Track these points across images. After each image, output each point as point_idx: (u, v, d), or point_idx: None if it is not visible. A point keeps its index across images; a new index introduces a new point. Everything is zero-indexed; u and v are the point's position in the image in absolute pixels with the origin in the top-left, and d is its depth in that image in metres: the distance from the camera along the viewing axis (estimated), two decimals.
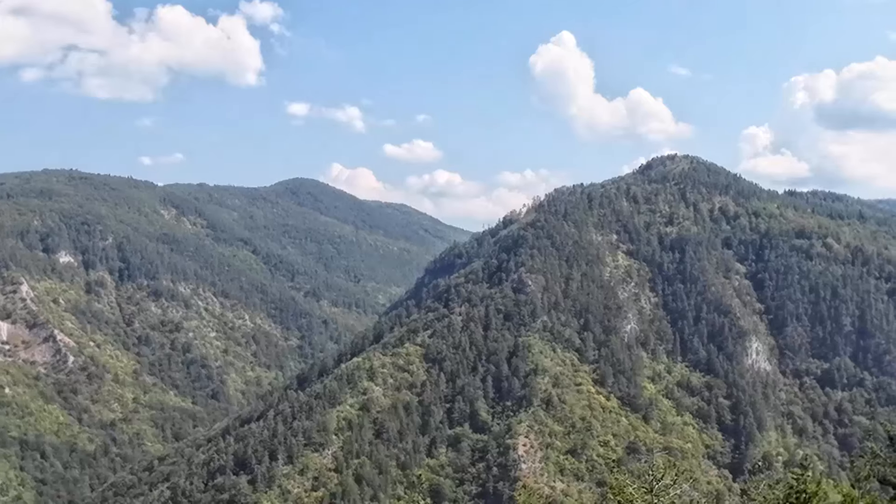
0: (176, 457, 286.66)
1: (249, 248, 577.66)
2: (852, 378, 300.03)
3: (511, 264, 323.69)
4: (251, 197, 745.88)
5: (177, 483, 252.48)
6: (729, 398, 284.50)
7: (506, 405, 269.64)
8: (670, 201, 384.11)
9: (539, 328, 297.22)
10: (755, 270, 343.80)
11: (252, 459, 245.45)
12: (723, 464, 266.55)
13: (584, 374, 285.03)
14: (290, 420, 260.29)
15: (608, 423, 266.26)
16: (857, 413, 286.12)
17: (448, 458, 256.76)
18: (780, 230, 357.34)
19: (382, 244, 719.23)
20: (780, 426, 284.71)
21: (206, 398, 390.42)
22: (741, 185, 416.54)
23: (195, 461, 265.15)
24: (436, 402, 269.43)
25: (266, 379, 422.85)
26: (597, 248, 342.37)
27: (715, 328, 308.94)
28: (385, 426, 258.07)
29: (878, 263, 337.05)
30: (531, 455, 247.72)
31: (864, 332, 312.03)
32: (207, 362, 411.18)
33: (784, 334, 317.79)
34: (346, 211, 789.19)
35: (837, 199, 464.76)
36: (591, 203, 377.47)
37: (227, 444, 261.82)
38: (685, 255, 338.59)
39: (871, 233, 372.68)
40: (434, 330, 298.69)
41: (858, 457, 39.36)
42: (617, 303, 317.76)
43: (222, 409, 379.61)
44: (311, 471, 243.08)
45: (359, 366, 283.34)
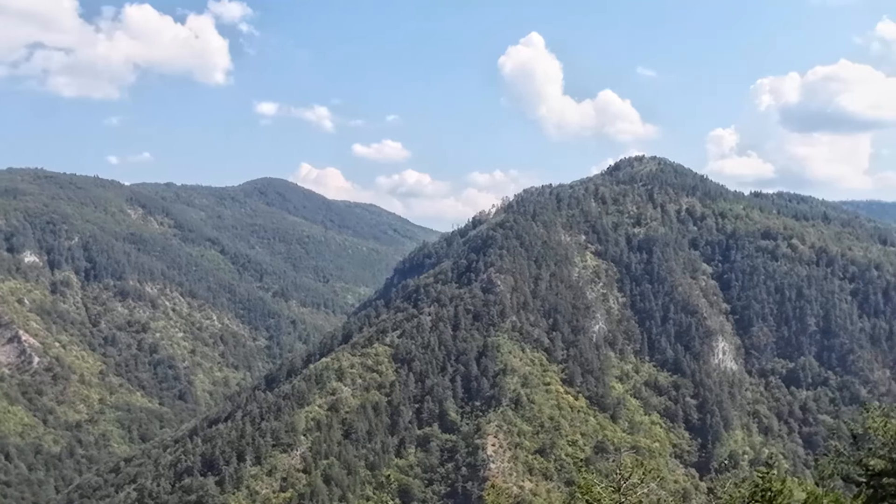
0: (143, 458, 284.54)
1: (217, 248, 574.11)
2: (817, 377, 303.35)
3: (480, 264, 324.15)
4: (219, 196, 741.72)
5: (143, 484, 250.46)
6: (696, 397, 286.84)
7: (475, 405, 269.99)
8: (638, 202, 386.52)
9: (508, 328, 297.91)
10: (722, 271, 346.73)
11: (220, 460, 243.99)
12: (690, 462, 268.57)
13: (552, 373, 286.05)
14: (259, 421, 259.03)
15: (576, 423, 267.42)
16: (822, 412, 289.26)
17: (417, 458, 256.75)
18: (746, 231, 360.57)
19: (351, 244, 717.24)
20: (746, 425, 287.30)
21: (174, 399, 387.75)
22: (708, 186, 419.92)
23: (162, 462, 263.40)
24: (405, 402, 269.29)
25: (234, 379, 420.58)
26: (565, 248, 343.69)
27: (682, 328, 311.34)
28: (354, 426, 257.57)
29: (842, 264, 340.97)
30: (500, 455, 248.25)
31: (828, 331, 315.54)
32: (175, 363, 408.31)
33: (750, 334, 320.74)
34: (315, 211, 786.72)
35: (802, 200, 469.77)
36: (559, 203, 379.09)
37: (195, 444, 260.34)
38: (653, 255, 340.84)
39: (835, 234, 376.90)
40: (403, 330, 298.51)
41: (822, 455, 39.93)
42: (585, 303, 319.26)
43: (190, 409, 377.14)
44: (279, 471, 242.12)
45: (327, 366, 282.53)
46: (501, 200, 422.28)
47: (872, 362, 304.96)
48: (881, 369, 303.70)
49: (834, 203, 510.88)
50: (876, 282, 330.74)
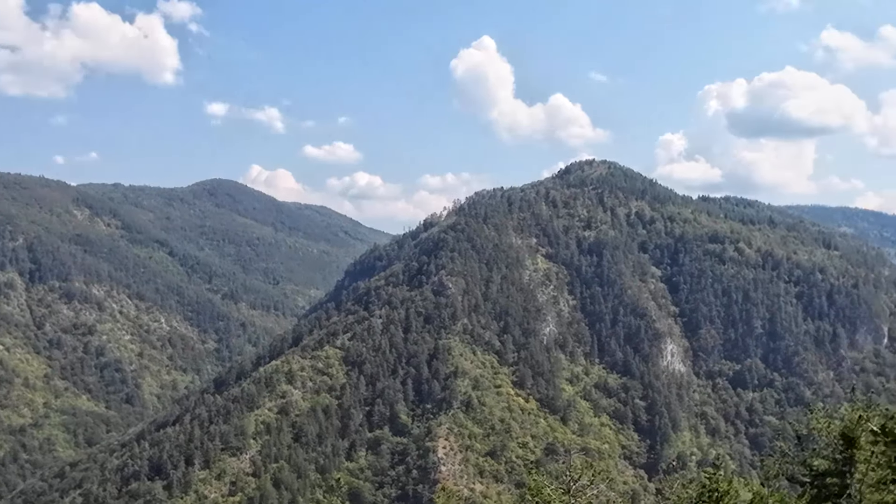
0: (88, 462, 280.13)
1: (166, 250, 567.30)
2: (763, 379, 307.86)
3: (431, 267, 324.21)
4: (168, 197, 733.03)
5: (89, 489, 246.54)
6: (645, 399, 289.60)
7: (426, 408, 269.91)
8: (588, 206, 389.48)
9: (459, 331, 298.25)
10: (670, 274, 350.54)
11: (168, 464, 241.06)
12: (639, 464, 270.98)
13: (503, 376, 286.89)
14: (207, 424, 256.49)
15: (527, 425, 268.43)
16: (768, 413, 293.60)
17: (367, 461, 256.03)
18: (695, 235, 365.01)
19: (302, 246, 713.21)
20: (694, 426, 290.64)
21: (121, 402, 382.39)
22: (657, 190, 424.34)
23: (109, 467, 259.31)
24: (355, 405, 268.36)
25: (182, 382, 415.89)
26: (516, 251, 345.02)
27: (631, 330, 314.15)
28: (304, 430, 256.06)
29: (787, 267, 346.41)
30: (451, 457, 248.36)
31: (773, 334, 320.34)
32: (122, 366, 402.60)
33: (698, 336, 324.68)
34: (265, 212, 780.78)
35: (749, 204, 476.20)
36: (511, 206, 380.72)
37: (142, 449, 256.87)
38: (603, 258, 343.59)
39: (780, 238, 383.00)
40: (354, 333, 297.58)
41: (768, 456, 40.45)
42: (536, 305, 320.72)
43: (137, 413, 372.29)
44: (228, 475, 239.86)
45: (277, 369, 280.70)
46: (453, 203, 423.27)
47: (817, 364, 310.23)
48: (825, 371, 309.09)
49: (780, 207, 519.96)
50: (820, 285, 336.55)
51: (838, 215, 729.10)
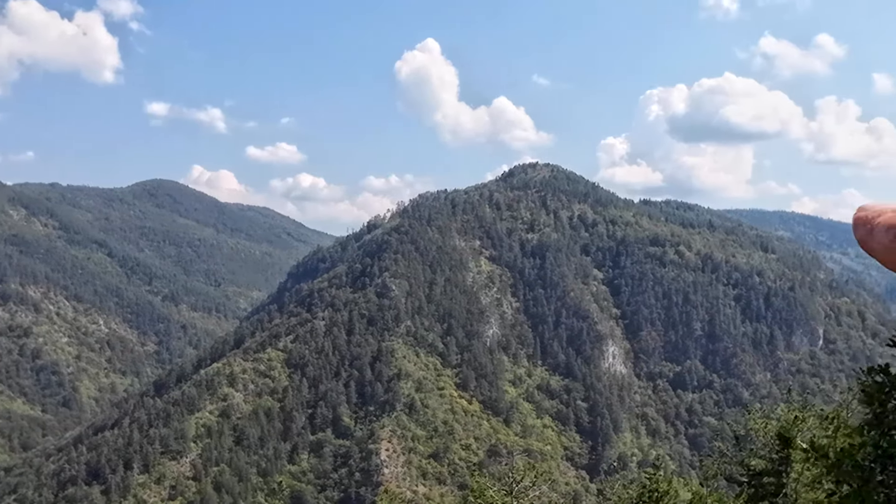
0: (24, 467, 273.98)
1: (105, 251, 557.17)
2: (702, 380, 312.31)
3: (375, 269, 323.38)
4: (107, 198, 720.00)
5: (24, 495, 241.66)
6: (587, 401, 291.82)
7: (369, 410, 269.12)
8: (532, 208, 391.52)
9: (402, 333, 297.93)
10: (612, 276, 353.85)
11: (106, 469, 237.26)
12: (580, 465, 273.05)
13: (446, 378, 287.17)
14: (147, 428, 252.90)
15: (470, 427, 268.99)
16: (707, 414, 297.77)
17: (310, 463, 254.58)
18: (636, 238, 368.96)
19: (244, 248, 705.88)
20: (635, 427, 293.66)
21: (57, 406, 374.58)
22: (599, 193, 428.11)
23: (45, 472, 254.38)
24: (298, 407, 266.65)
25: (121, 385, 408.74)
26: (460, 253, 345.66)
27: (574, 332, 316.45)
28: (246, 433, 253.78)
29: (726, 270, 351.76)
30: (394, 459, 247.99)
31: (713, 336, 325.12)
32: (59, 369, 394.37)
33: (639, 338, 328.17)
34: (207, 213, 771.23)
35: (689, 208, 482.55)
36: (454, 209, 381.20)
37: (80, 453, 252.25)
38: (546, 261, 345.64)
39: (719, 241, 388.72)
40: (297, 335, 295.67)
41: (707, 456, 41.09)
42: (479, 308, 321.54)
43: (74, 417, 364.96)
44: (168, 479, 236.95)
45: (219, 371, 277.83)
46: (397, 205, 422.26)
47: (754, 365, 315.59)
48: (762, 372, 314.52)
49: (719, 211, 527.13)
50: (757, 287, 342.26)
51: (775, 219, 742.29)
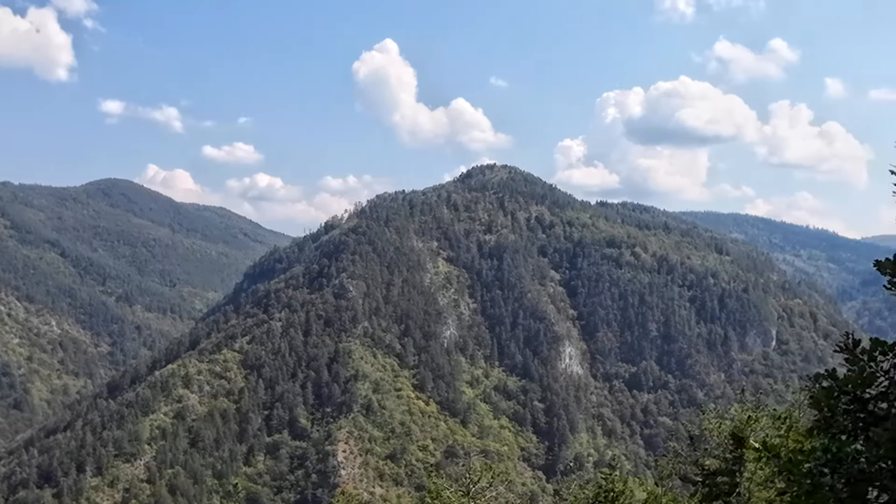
0: None
1: (57, 251, 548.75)
2: (657, 381, 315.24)
3: (332, 270, 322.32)
4: (60, 197, 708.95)
5: None
6: (543, 401, 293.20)
7: (326, 411, 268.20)
8: (489, 209, 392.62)
9: (360, 334, 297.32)
10: (569, 277, 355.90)
11: (58, 472, 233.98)
12: (537, 465, 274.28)
13: (404, 379, 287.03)
14: (100, 430, 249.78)
15: (427, 428, 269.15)
16: (662, 414, 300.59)
17: (266, 465, 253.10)
18: (593, 239, 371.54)
19: (200, 248, 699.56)
20: (591, 428, 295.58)
21: (8, 408, 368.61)
22: (556, 195, 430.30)
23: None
24: (254, 409, 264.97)
25: (74, 387, 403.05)
26: (418, 254, 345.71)
27: (531, 333, 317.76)
28: (201, 434, 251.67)
29: (681, 272, 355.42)
30: (351, 461, 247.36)
31: (668, 337, 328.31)
32: (10, 370, 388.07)
33: (595, 339, 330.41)
34: (162, 213, 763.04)
35: (645, 210, 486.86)
36: (412, 210, 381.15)
37: (31, 456, 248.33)
38: (503, 262, 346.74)
39: (675, 243, 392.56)
40: (253, 336, 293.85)
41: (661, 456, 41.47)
42: (437, 309, 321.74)
43: (26, 419, 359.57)
44: (121, 482, 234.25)
45: (174, 373, 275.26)
46: (354, 206, 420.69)
47: (709, 366, 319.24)
48: (716, 373, 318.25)
49: (674, 213, 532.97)
50: (712, 289, 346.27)
51: (730, 221, 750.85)
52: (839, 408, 11.74)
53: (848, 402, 11.47)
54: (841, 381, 11.68)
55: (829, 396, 11.74)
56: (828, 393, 11.74)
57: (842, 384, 11.65)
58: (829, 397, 11.73)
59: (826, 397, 11.75)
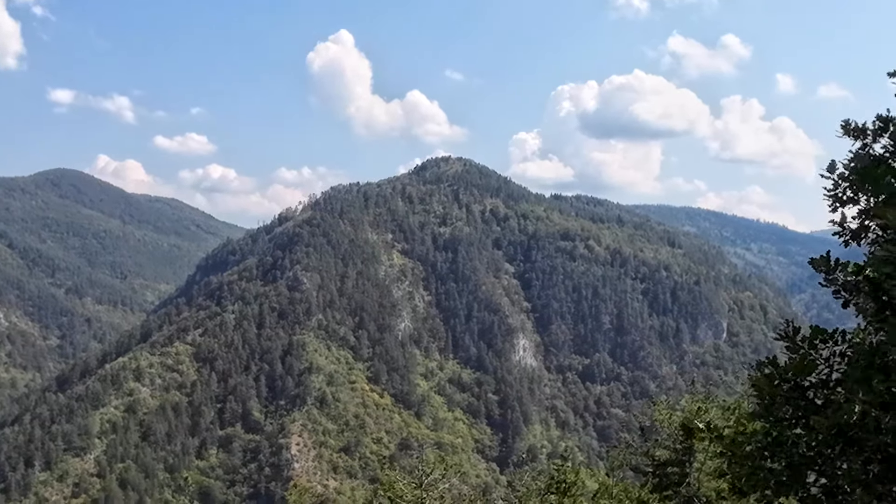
0: None
1: (5, 242, 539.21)
2: (610, 373, 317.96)
3: (286, 262, 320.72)
4: (7, 187, 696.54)
5: None
6: (497, 393, 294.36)
7: (279, 404, 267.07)
8: (444, 202, 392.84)
9: (314, 326, 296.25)
10: (523, 270, 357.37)
11: (5, 467, 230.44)
12: (491, 457, 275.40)
13: (358, 371, 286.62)
14: (49, 424, 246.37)
15: (382, 420, 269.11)
16: (615, 406, 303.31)
17: (219, 459, 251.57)
18: (547, 232, 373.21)
19: (151, 240, 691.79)
20: (545, 419, 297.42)
21: None
22: (511, 188, 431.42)
23: None
24: (206, 402, 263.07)
25: (22, 381, 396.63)
26: (372, 246, 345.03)
27: (485, 326, 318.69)
28: (152, 428, 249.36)
29: (634, 265, 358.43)
30: (304, 454, 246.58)
31: (621, 329, 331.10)
32: None
33: (549, 332, 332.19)
34: (113, 204, 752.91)
35: (599, 203, 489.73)
36: (367, 202, 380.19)
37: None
38: (458, 254, 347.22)
39: (628, 236, 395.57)
40: (206, 328, 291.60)
41: (613, 447, 41.79)
42: (392, 301, 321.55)
43: None
44: (71, 476, 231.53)
45: (125, 366, 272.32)
46: (309, 198, 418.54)
47: (661, 358, 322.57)
48: (668, 364, 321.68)
49: (628, 206, 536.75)
50: (665, 282, 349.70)
51: (682, 215, 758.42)
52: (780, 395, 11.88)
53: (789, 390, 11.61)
54: (781, 368, 11.82)
55: (770, 384, 11.87)
56: (769, 380, 11.87)
57: (782, 372, 11.78)
58: (770, 384, 11.86)
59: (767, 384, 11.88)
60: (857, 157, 13.07)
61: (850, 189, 12.92)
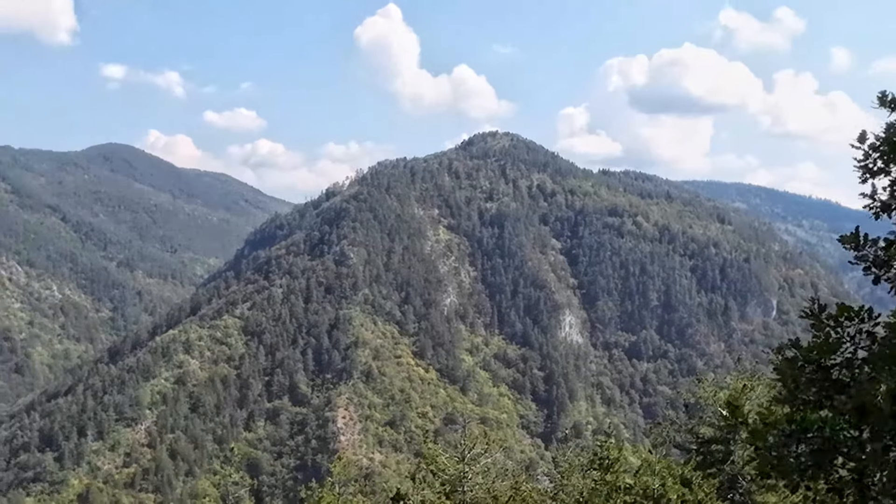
0: None
1: (58, 216, 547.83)
2: (657, 350, 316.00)
3: (333, 237, 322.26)
4: (60, 162, 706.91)
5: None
6: (543, 369, 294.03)
7: (326, 378, 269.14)
8: (491, 177, 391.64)
9: (360, 301, 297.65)
10: (570, 246, 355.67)
11: (59, 436, 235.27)
12: (536, 433, 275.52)
13: (403, 346, 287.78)
14: (101, 394, 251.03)
15: (427, 395, 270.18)
16: (661, 383, 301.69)
17: (266, 431, 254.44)
18: (594, 208, 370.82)
19: (201, 214, 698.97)
20: (590, 396, 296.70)
21: (9, 372, 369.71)
22: (559, 163, 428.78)
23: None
24: (254, 375, 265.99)
25: (75, 352, 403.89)
26: (418, 222, 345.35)
27: (531, 302, 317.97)
28: (201, 400, 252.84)
29: (682, 241, 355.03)
30: (350, 427, 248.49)
31: (668, 306, 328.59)
32: (10, 335, 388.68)
33: (595, 308, 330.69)
34: (163, 179, 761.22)
35: (647, 179, 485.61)
36: (413, 177, 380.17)
37: (32, 420, 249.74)
38: (504, 230, 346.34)
39: (677, 212, 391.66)
40: (254, 302, 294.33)
41: (656, 424, 41.47)
42: (437, 276, 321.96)
43: (27, 383, 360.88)
44: (122, 446, 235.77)
45: (175, 338, 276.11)
46: (356, 172, 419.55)
47: (709, 336, 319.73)
48: (716, 342, 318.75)
49: (676, 182, 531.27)
50: (713, 259, 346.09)
51: (732, 191, 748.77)
52: (803, 378, 11.49)
53: (812, 372, 11.25)
54: (805, 349, 11.44)
55: (792, 367, 11.50)
56: (791, 363, 11.50)
57: (806, 353, 11.39)
58: (793, 368, 11.49)
59: (790, 368, 11.51)
60: (889, 128, 12.67)
61: (880, 159, 12.55)
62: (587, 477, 32.31)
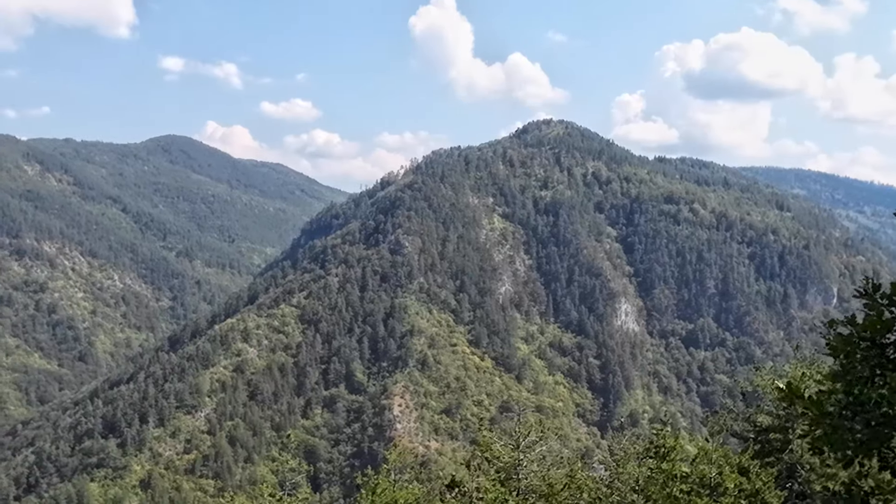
0: (41, 420, 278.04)
1: (119, 207, 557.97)
2: (714, 338, 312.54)
3: (388, 226, 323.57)
4: (121, 153, 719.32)
5: (42, 447, 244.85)
6: (599, 358, 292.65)
7: (381, 366, 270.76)
8: (545, 165, 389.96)
9: (415, 289, 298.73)
10: (625, 234, 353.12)
11: (122, 422, 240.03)
12: (592, 421, 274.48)
13: (459, 334, 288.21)
14: (162, 382, 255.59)
15: (482, 383, 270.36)
16: (719, 372, 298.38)
17: (323, 418, 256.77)
18: (650, 195, 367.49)
19: (258, 204, 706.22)
20: (647, 385, 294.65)
21: (73, 360, 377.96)
22: (614, 150, 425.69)
23: (61, 425, 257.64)
24: (311, 363, 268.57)
25: (136, 340, 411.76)
26: (473, 210, 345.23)
27: (586, 290, 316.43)
28: (259, 388, 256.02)
29: (740, 229, 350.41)
30: (406, 415, 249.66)
31: (726, 294, 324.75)
32: (74, 323, 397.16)
33: (652, 296, 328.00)
34: (221, 169, 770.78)
35: (704, 166, 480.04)
36: (468, 166, 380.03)
37: (96, 407, 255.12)
38: (559, 218, 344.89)
39: (734, 199, 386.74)
40: (310, 291, 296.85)
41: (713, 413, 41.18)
42: (492, 265, 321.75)
43: (90, 371, 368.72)
44: (183, 433, 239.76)
45: (233, 327, 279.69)
46: (410, 162, 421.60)
47: (767, 324, 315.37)
48: (775, 331, 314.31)
49: (734, 169, 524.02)
50: (772, 246, 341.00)
51: (791, 177, 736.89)
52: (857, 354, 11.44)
53: (866, 349, 11.19)
54: (860, 326, 11.39)
55: (847, 343, 11.46)
56: (846, 340, 11.45)
57: (860, 330, 11.33)
58: (848, 344, 11.45)
59: (844, 344, 11.47)
60: None
61: None
62: (643, 465, 32.29)
